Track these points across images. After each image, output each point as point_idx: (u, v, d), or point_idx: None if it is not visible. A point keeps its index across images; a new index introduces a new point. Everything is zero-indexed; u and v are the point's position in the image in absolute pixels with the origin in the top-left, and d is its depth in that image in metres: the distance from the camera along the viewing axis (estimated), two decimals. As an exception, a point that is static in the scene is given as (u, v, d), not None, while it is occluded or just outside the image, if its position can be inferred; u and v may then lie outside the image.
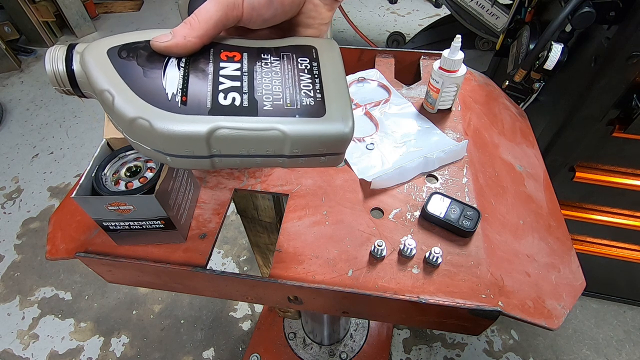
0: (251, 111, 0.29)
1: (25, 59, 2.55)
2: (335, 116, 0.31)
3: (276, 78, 0.32)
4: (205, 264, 0.44)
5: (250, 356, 1.03)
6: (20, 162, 1.85)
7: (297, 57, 0.34)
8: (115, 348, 1.22)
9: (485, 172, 0.54)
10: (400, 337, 1.23)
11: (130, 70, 0.28)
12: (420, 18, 2.82)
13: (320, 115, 0.31)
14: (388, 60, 0.74)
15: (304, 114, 0.31)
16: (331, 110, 0.31)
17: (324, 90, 0.32)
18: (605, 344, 1.20)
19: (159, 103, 0.27)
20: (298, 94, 0.31)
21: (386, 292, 0.41)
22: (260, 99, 0.30)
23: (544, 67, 0.79)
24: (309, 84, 0.32)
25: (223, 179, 0.53)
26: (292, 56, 0.33)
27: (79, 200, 0.39)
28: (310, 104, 0.31)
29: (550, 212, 0.54)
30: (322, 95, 0.32)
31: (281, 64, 0.33)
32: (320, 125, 0.31)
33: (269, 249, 0.86)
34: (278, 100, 0.31)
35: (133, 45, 0.30)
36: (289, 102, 0.31)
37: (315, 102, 0.32)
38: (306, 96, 0.31)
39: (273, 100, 0.30)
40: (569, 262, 0.48)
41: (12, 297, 1.36)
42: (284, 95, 0.31)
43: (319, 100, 0.32)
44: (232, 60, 0.31)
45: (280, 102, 0.31)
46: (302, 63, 0.33)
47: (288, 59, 0.33)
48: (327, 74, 0.33)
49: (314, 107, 0.31)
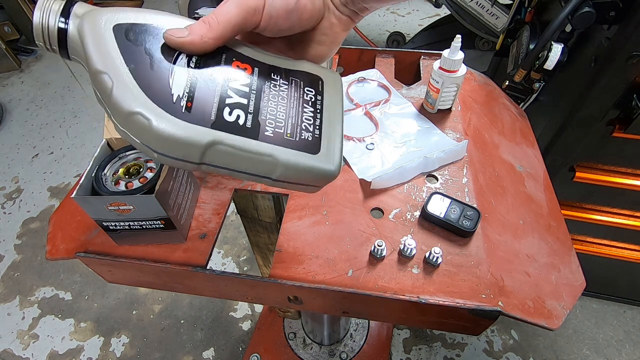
0: (252, 134, 0.29)
1: (25, 59, 2.55)
2: (327, 156, 0.32)
3: (282, 104, 0.32)
4: (205, 264, 0.44)
5: (250, 356, 1.03)
6: (20, 162, 1.85)
7: (305, 86, 0.34)
8: (115, 348, 1.22)
9: (485, 172, 0.54)
10: (400, 337, 1.23)
11: (136, 56, 0.26)
12: (420, 18, 2.82)
13: (314, 153, 0.32)
14: (388, 60, 0.74)
15: (301, 148, 0.31)
16: (324, 149, 0.32)
17: (322, 127, 0.33)
18: (605, 344, 1.20)
19: (163, 103, 0.26)
20: (299, 125, 0.32)
21: (386, 292, 0.41)
22: (264, 123, 0.30)
23: (544, 67, 0.79)
24: (310, 117, 0.33)
25: (223, 179, 0.53)
26: (300, 84, 0.33)
27: (79, 200, 0.39)
28: (308, 138, 0.32)
29: (550, 212, 0.54)
30: (319, 132, 0.33)
31: (289, 90, 0.33)
32: (313, 162, 0.31)
33: (269, 249, 0.86)
34: (280, 128, 0.31)
35: (144, 27, 0.28)
36: (289, 133, 0.31)
37: (313, 137, 0.32)
38: (306, 130, 0.32)
39: (275, 127, 0.31)
40: (569, 262, 0.48)
41: (12, 297, 1.36)
42: (286, 124, 0.31)
43: (316, 136, 0.32)
44: (243, 74, 0.31)
45: (281, 130, 0.31)
46: (308, 94, 0.33)
47: (296, 86, 0.33)
48: (328, 110, 0.34)
49: (310, 142, 0.32)
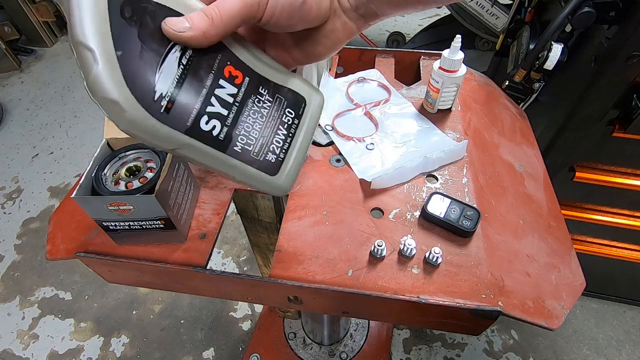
0: (222, 146, 0.30)
1: (25, 59, 2.55)
2: (282, 178, 0.34)
3: (259, 121, 0.32)
4: (205, 264, 0.44)
5: (250, 356, 1.03)
6: (20, 162, 1.85)
7: (287, 107, 0.33)
8: (115, 348, 1.22)
9: (485, 172, 0.54)
10: (400, 337, 1.23)
11: (127, 39, 0.24)
12: (420, 18, 2.82)
13: (273, 174, 0.33)
14: (388, 60, 0.74)
15: (262, 168, 0.32)
16: (282, 172, 0.34)
17: (288, 151, 0.34)
18: (605, 344, 1.20)
19: (143, 99, 0.25)
20: (267, 146, 0.32)
21: (386, 292, 0.41)
22: (236, 138, 0.30)
23: (544, 67, 0.79)
24: (281, 140, 0.33)
25: (223, 179, 0.53)
26: (283, 103, 0.33)
27: (79, 200, 0.39)
28: (271, 160, 0.33)
29: (550, 212, 0.54)
30: (284, 156, 0.34)
31: (271, 109, 0.32)
32: (268, 181, 0.33)
33: (269, 249, 0.86)
34: (249, 145, 0.31)
35: (142, 5, 0.25)
36: (256, 152, 0.32)
37: (276, 160, 0.33)
38: (272, 152, 0.33)
39: (245, 144, 0.31)
40: (569, 262, 0.48)
41: (12, 297, 1.36)
42: (257, 142, 0.32)
43: (279, 160, 0.33)
44: (232, 82, 0.30)
45: (249, 148, 0.31)
46: (288, 116, 0.33)
47: (279, 105, 0.33)
48: (300, 135, 0.34)
49: (272, 164, 0.33)
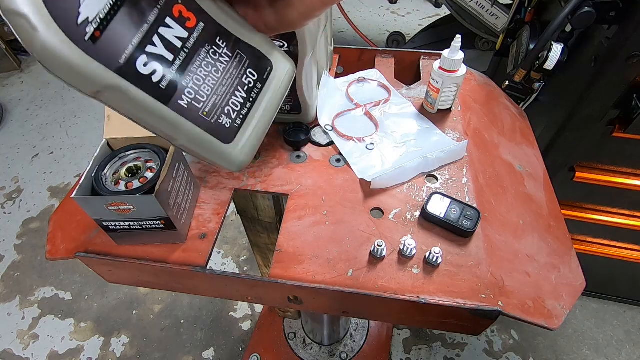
0: (163, 97, 0.25)
1: (25, 59, 2.55)
2: (238, 150, 0.28)
3: (213, 77, 0.27)
4: (205, 264, 0.44)
5: (250, 356, 1.03)
6: (20, 162, 1.85)
7: (249, 67, 0.28)
8: (115, 348, 1.22)
9: (485, 172, 0.54)
10: (400, 337, 1.23)
11: None
12: (420, 18, 2.82)
13: (226, 142, 0.28)
14: (388, 60, 0.74)
15: (213, 131, 0.27)
16: (239, 142, 0.28)
17: (247, 119, 0.29)
18: (605, 344, 1.20)
19: (62, 19, 0.20)
20: (221, 108, 0.27)
21: (386, 292, 0.41)
22: (182, 90, 0.25)
23: (544, 67, 0.79)
24: (239, 104, 0.28)
25: (223, 179, 0.53)
26: (244, 62, 0.28)
27: (79, 200, 0.39)
28: (226, 125, 0.28)
29: (550, 212, 0.54)
30: (241, 123, 0.28)
31: (229, 65, 0.27)
32: (219, 149, 0.28)
33: (269, 249, 0.86)
34: (198, 102, 0.26)
35: None
36: (207, 111, 0.27)
37: (232, 126, 0.28)
38: (227, 115, 0.27)
39: (193, 100, 0.26)
40: (569, 262, 0.48)
41: (12, 297, 1.36)
42: (208, 101, 0.27)
43: (235, 126, 0.28)
44: (183, 24, 0.24)
45: (199, 105, 0.26)
46: (249, 78, 0.28)
47: (239, 62, 0.28)
48: (262, 103, 0.29)
49: (226, 130, 0.28)
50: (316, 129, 0.60)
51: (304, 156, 0.55)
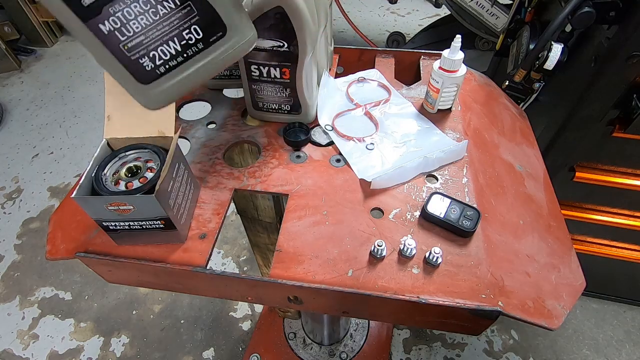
0: (82, 14, 0.25)
1: (25, 59, 2.55)
2: (150, 93, 0.30)
3: (148, 18, 0.28)
4: (205, 264, 0.44)
5: (250, 356, 1.03)
6: (20, 162, 1.85)
7: (195, 24, 0.29)
8: (115, 348, 1.22)
9: (485, 172, 0.54)
10: (400, 337, 1.23)
11: None
12: (420, 18, 2.82)
13: (142, 82, 0.29)
14: (388, 60, 0.74)
15: (129, 67, 0.28)
16: (155, 88, 0.30)
17: (173, 72, 0.30)
18: (605, 344, 1.20)
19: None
20: (147, 50, 0.29)
21: (386, 292, 0.41)
22: (105, 17, 0.27)
23: (544, 67, 0.79)
24: (169, 54, 0.30)
25: (223, 179, 0.53)
26: (192, 17, 0.28)
27: (79, 200, 0.39)
28: (146, 67, 0.30)
29: (550, 212, 0.54)
30: (164, 73, 0.30)
31: (170, 14, 0.28)
32: (131, 86, 0.29)
33: (269, 249, 0.86)
34: (122, 34, 0.27)
35: None
36: (128, 46, 0.28)
37: (151, 70, 0.30)
38: (150, 59, 0.29)
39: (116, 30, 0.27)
40: (569, 262, 0.48)
41: (12, 297, 1.36)
42: (133, 37, 0.28)
43: (156, 73, 0.30)
44: None
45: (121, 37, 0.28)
46: (191, 34, 0.29)
47: (185, 15, 0.28)
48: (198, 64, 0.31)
49: (144, 72, 0.29)
50: (316, 129, 0.60)
51: (304, 156, 0.55)
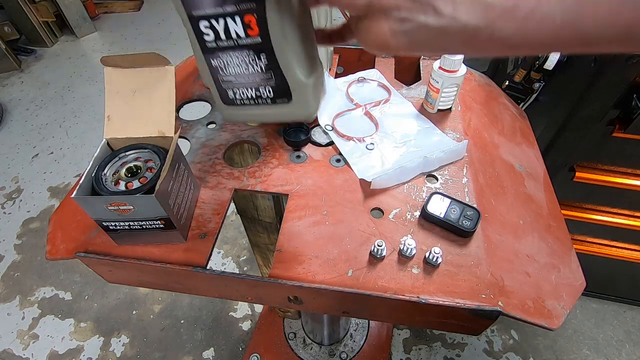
0: (205, 49, 0.35)
1: (25, 59, 2.55)
2: (222, 110, 0.40)
3: (239, 69, 0.37)
4: (205, 264, 0.44)
5: (250, 356, 1.03)
6: (20, 162, 1.85)
7: (269, 85, 0.38)
8: (115, 348, 1.22)
9: (485, 172, 0.54)
10: (400, 337, 1.23)
11: None
12: (420, 18, 2.82)
13: (224, 102, 0.39)
14: (388, 60, 0.74)
15: (219, 91, 0.39)
16: (225, 110, 0.40)
17: (242, 106, 0.39)
18: (605, 344, 1.20)
19: None
20: (232, 86, 0.38)
21: (386, 292, 0.41)
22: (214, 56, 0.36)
23: (544, 67, 0.79)
24: (245, 96, 0.39)
25: (223, 179, 0.53)
26: (270, 80, 0.38)
27: (79, 200, 0.39)
28: (229, 96, 0.39)
29: (550, 212, 0.54)
30: (238, 104, 0.39)
31: (256, 73, 0.37)
32: (217, 101, 0.39)
33: (269, 249, 0.86)
34: (220, 71, 0.37)
35: None
36: (223, 79, 0.38)
37: (230, 99, 0.39)
38: (232, 92, 0.39)
39: (218, 65, 0.37)
40: (569, 262, 0.48)
41: (12, 297, 1.36)
42: (227, 75, 0.38)
43: (235, 103, 0.39)
44: (245, 28, 0.34)
45: (221, 73, 0.37)
46: (265, 92, 0.38)
47: (265, 78, 0.38)
48: (262, 111, 0.40)
49: (227, 99, 0.39)
50: (316, 129, 0.60)
51: (304, 156, 0.55)
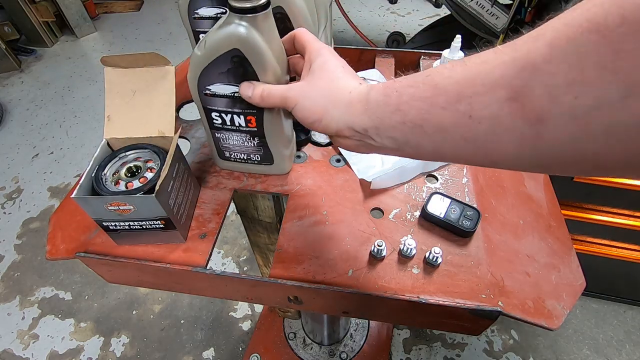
0: (212, 125, 0.46)
1: (25, 59, 2.55)
2: (219, 163, 0.53)
3: (237, 141, 0.48)
4: (205, 264, 0.44)
5: (250, 356, 1.03)
6: (20, 162, 1.85)
7: (258, 156, 0.50)
8: (115, 348, 1.22)
9: (485, 172, 0.54)
10: (400, 337, 1.23)
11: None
12: (420, 18, 2.83)
13: (220, 157, 0.51)
14: (388, 60, 0.74)
15: (218, 149, 0.51)
16: (222, 164, 0.53)
17: (235, 163, 0.52)
18: (605, 344, 1.20)
19: None
20: (233, 150, 0.50)
21: (386, 292, 0.41)
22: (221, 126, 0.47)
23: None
24: (238, 158, 0.51)
25: (223, 179, 0.53)
26: (260, 155, 0.50)
27: (79, 200, 0.39)
28: (226, 154, 0.51)
29: (550, 212, 0.54)
30: (231, 160, 0.51)
31: (250, 147, 0.48)
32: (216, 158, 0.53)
33: (269, 249, 0.86)
34: (224, 141, 0.48)
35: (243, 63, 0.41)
36: (226, 146, 0.50)
37: (227, 157, 0.51)
38: (229, 153, 0.51)
39: (221, 133, 0.48)
40: (569, 262, 0.47)
41: (12, 297, 1.36)
42: (228, 144, 0.49)
43: (231, 160, 0.51)
44: (246, 123, 0.45)
45: (225, 143, 0.49)
46: (255, 159, 0.51)
47: (257, 151, 0.50)
48: (252, 169, 0.53)
49: (224, 156, 0.51)
50: (316, 129, 0.60)
51: (304, 156, 0.55)
